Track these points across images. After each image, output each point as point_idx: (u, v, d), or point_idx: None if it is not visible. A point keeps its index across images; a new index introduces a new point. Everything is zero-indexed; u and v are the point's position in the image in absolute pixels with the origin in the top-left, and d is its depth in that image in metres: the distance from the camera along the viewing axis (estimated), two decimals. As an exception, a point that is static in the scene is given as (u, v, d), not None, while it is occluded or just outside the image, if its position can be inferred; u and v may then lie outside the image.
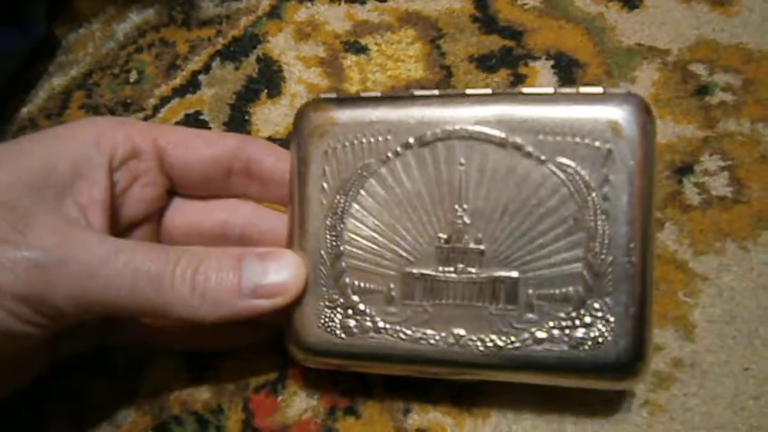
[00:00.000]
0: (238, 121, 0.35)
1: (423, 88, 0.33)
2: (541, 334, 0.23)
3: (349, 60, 0.35)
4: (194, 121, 0.36)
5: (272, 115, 0.35)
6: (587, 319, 0.23)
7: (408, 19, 0.35)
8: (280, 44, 0.37)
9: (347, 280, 0.25)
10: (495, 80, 0.33)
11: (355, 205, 0.25)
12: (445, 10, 0.35)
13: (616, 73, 0.31)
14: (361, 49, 0.35)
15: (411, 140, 0.24)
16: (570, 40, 0.33)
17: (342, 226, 0.25)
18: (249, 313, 0.24)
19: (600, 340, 0.22)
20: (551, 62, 0.32)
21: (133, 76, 0.39)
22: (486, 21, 0.34)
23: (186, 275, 0.23)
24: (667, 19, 0.32)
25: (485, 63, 0.33)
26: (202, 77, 0.37)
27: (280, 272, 0.24)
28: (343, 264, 0.25)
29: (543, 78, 0.32)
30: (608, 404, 0.26)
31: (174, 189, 0.29)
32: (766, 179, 0.28)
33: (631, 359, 0.22)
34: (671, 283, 0.28)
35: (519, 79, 0.32)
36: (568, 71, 0.32)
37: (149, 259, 0.23)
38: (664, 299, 0.27)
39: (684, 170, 0.29)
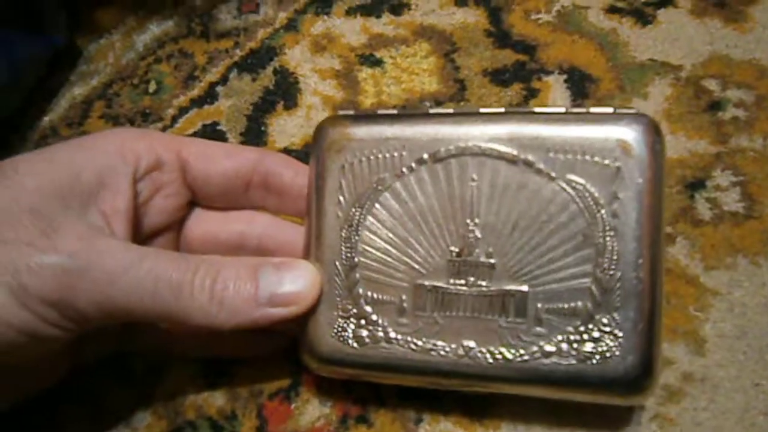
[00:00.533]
0: (254, 132, 0.36)
1: (437, 101, 0.34)
2: (549, 348, 0.24)
3: (364, 73, 0.36)
4: (211, 131, 0.37)
5: (288, 127, 0.36)
6: (595, 334, 0.23)
7: (423, 33, 0.36)
8: (296, 56, 0.38)
9: (360, 290, 0.26)
10: (508, 94, 0.34)
11: (370, 218, 0.26)
12: (460, 24, 0.36)
13: (629, 89, 0.32)
14: (376, 62, 0.36)
15: (425, 156, 0.25)
16: (583, 55, 0.33)
17: (357, 238, 0.26)
18: (265, 321, 0.25)
19: (608, 354, 0.23)
20: (564, 77, 0.33)
21: (152, 86, 0.40)
22: (500, 35, 0.35)
23: (205, 284, 0.24)
24: (681, 35, 0.33)
25: (499, 77, 0.34)
26: (219, 88, 0.38)
27: (295, 282, 0.25)
28: (357, 275, 0.26)
29: (556, 92, 0.33)
30: (618, 418, 0.27)
31: (195, 200, 0.30)
32: (778, 195, 0.29)
33: (639, 374, 0.23)
34: (682, 297, 0.28)
35: (532, 94, 0.33)
36: (580, 86, 0.33)
37: (170, 268, 0.24)
38: (674, 313, 0.28)
39: (696, 185, 0.30)
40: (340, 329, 0.26)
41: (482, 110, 0.25)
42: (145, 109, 0.39)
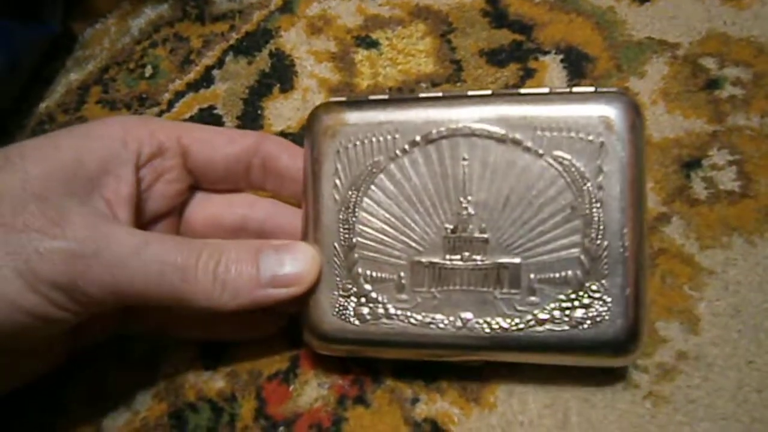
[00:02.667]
0: (251, 116, 0.38)
1: (433, 83, 0.36)
2: (543, 316, 0.26)
3: (360, 54, 0.37)
4: (208, 115, 0.38)
5: (284, 110, 0.37)
6: (586, 300, 0.25)
7: (419, 14, 0.38)
8: (292, 39, 0.39)
9: (360, 270, 0.28)
10: (505, 75, 0.35)
11: (367, 200, 0.28)
12: (456, 4, 0.37)
13: (626, 67, 0.33)
14: (372, 44, 0.37)
15: (417, 138, 0.27)
16: (580, 34, 0.34)
17: (354, 219, 0.28)
18: (267, 301, 0.27)
19: (598, 319, 0.25)
20: (561, 56, 0.34)
21: (148, 70, 0.41)
22: (496, 15, 0.36)
23: (209, 267, 0.26)
24: (678, 13, 0.34)
25: (495, 57, 0.35)
26: (215, 72, 0.40)
27: (295, 263, 0.27)
28: (356, 255, 0.28)
29: (552, 72, 0.34)
30: (612, 395, 0.28)
31: (196, 184, 0.31)
32: (774, 174, 0.30)
33: (628, 336, 0.25)
34: (677, 276, 0.29)
35: (528, 74, 0.34)
36: (577, 65, 0.34)
37: (175, 252, 0.25)
38: (669, 293, 0.29)
39: (692, 165, 0.31)
40: (341, 308, 0.28)
41: (470, 93, 0.27)
42: (141, 94, 0.41)
